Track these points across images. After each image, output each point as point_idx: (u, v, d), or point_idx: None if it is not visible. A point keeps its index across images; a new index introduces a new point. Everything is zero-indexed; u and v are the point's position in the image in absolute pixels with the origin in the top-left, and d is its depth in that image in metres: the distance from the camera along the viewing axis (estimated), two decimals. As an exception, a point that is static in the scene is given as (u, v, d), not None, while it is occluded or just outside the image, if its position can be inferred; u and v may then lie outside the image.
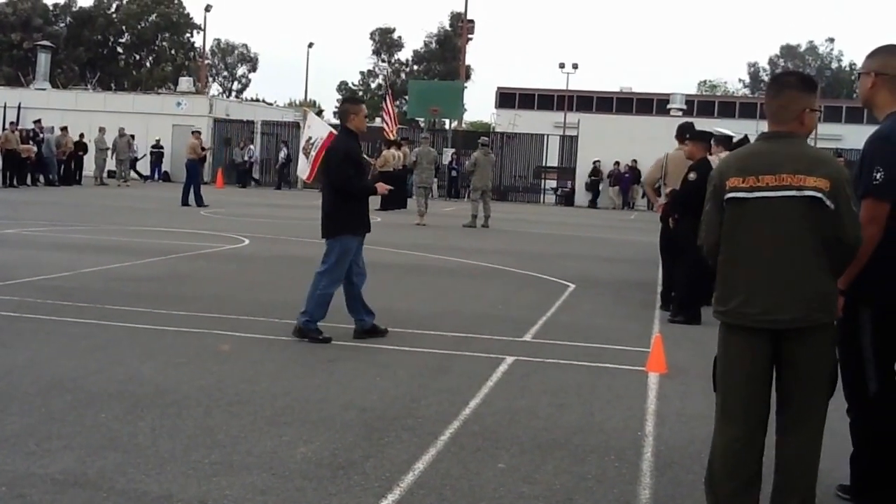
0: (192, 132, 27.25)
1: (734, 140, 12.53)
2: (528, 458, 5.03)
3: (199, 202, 24.37)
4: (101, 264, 11.84)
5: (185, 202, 24.18)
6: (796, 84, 3.95)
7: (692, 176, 9.33)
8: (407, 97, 43.45)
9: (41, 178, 30.88)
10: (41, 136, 31.14)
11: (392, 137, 24.42)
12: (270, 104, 65.10)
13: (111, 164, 34.04)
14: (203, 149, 26.83)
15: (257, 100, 74.83)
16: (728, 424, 3.91)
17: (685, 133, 10.35)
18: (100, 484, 4.28)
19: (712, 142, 11.99)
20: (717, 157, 10.73)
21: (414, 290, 10.52)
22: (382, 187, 8.42)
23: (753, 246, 3.85)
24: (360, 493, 4.34)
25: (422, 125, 41.84)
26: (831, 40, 75.85)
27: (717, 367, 4.03)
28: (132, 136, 35.08)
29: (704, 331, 9.12)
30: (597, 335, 8.64)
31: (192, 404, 5.70)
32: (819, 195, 3.74)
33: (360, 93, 79.33)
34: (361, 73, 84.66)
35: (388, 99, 23.46)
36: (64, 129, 32.74)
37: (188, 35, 78.94)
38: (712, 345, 8.36)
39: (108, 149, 33.69)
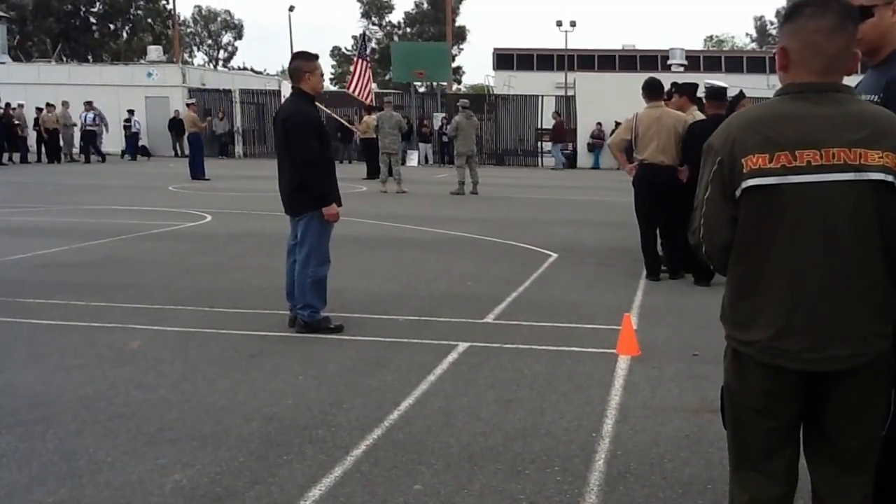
0: (187, 104, 26.35)
1: (728, 94, 11.43)
2: (452, 474, 4.15)
3: (199, 175, 23.67)
4: (34, 249, 10.86)
5: (198, 176, 23.57)
6: (851, 13, 2.62)
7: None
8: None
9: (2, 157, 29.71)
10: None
11: (367, 103, 23.25)
12: (259, 72, 62.90)
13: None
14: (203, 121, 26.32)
15: (244, 68, 72.57)
16: (752, 477, 2.80)
17: (655, 89, 9.51)
18: None
19: (703, 98, 11.05)
20: (691, 114, 9.80)
21: (375, 267, 9.59)
22: (332, 210, 6.83)
23: (791, 255, 2.59)
24: (224, 538, 3.46)
25: (419, 89, 40.76)
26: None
27: (726, 402, 2.84)
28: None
29: (691, 302, 8.21)
30: (568, 313, 7.71)
31: (66, 420, 4.82)
32: (889, 178, 2.52)
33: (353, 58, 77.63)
34: (353, 37, 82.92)
35: (358, 61, 21.93)
36: (50, 105, 31.46)
37: (164, 2, 73.36)
38: (696, 319, 7.57)
39: (73, 124, 32.17)
